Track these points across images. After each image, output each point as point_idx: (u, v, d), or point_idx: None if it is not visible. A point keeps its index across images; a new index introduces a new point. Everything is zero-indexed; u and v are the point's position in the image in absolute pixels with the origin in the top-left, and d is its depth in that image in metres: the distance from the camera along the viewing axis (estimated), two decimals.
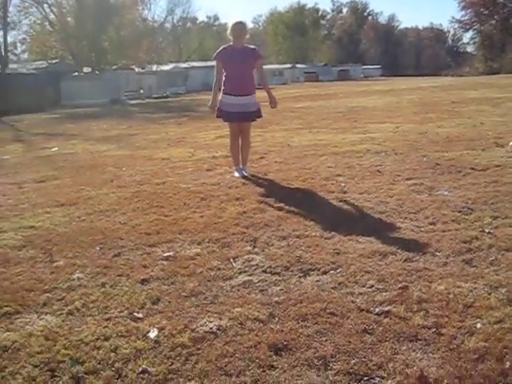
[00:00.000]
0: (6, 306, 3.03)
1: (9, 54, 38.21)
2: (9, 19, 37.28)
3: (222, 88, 6.14)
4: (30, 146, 11.77)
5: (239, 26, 6.07)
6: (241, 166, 6.35)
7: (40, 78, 30.42)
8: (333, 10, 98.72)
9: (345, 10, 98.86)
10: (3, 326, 2.81)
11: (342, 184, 5.52)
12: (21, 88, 27.19)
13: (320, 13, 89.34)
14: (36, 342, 2.61)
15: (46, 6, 40.08)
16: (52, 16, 40.74)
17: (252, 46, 6.24)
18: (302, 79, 55.14)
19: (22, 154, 10.27)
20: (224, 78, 6.12)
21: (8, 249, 4.08)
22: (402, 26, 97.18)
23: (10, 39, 41.35)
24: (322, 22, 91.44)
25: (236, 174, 6.25)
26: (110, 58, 42.87)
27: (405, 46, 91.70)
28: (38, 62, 38.70)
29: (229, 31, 6.15)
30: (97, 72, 38.25)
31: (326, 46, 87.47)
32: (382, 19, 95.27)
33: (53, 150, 10.23)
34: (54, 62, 37.01)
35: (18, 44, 49.12)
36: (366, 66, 72.72)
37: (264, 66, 6.71)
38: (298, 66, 63.18)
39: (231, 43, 6.12)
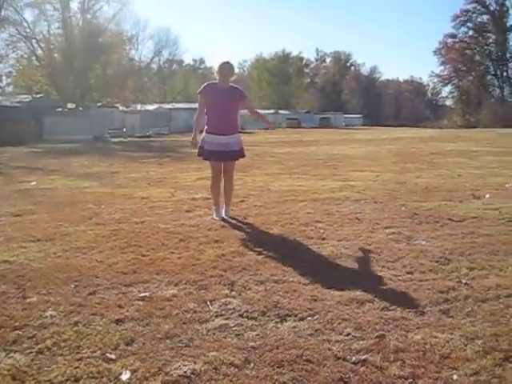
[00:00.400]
0: None
1: None
2: None
3: (206, 127, 6.14)
4: (8, 178, 11.65)
5: (226, 66, 6.10)
6: (221, 208, 6.31)
7: (23, 112, 30.42)
8: (317, 60, 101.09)
9: (328, 60, 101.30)
10: None
11: (321, 230, 5.53)
12: (3, 121, 27.12)
13: (304, 61, 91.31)
14: (2, 382, 2.53)
15: (34, 41, 40.48)
16: (40, 51, 41.13)
17: (236, 86, 6.26)
18: (284, 125, 55.86)
19: (0, 186, 10.15)
20: (207, 117, 6.13)
21: None
22: (383, 78, 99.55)
23: None
24: (306, 70, 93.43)
25: (215, 216, 6.21)
26: (95, 96, 43.21)
27: (386, 97, 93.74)
28: (22, 95, 38.75)
29: (216, 70, 6.16)
30: (81, 108, 38.40)
31: (309, 94, 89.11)
32: (364, 70, 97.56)
33: (32, 184, 10.14)
34: (38, 96, 37.10)
35: (4, 77, 49.24)
36: (347, 115, 74.16)
37: (246, 111, 6.81)
38: (281, 111, 64.16)
39: (216, 81, 6.14)
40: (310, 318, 3.26)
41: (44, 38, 41.15)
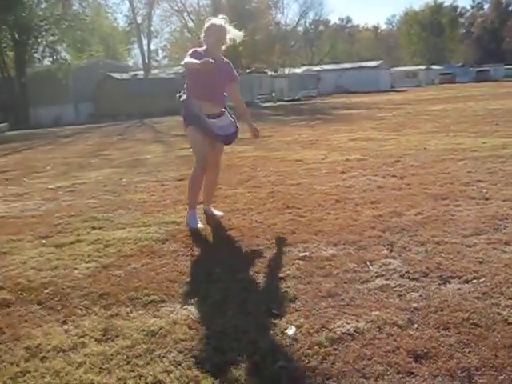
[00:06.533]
0: (153, 295, 3.24)
1: (151, 60, 40.83)
2: (152, 28, 39.98)
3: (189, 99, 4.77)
4: (169, 146, 12.45)
5: (222, 27, 4.68)
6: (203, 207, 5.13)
7: (178, 83, 31.99)
8: (472, 7, 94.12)
9: (486, 7, 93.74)
10: (151, 312, 3.01)
11: (484, 190, 5.23)
12: (161, 92, 28.86)
13: (458, 10, 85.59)
14: (180, 330, 2.76)
15: (185, 14, 42.33)
16: (190, 23, 42.96)
17: (227, 61, 4.85)
18: (437, 81, 53.05)
19: (163, 153, 10.89)
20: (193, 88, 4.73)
21: (153, 242, 4.35)
22: None
23: (152, 47, 44.30)
24: (461, 20, 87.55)
25: (190, 225, 4.69)
26: (244, 62, 44.20)
27: None
28: (176, 67, 40.84)
29: (205, 31, 4.71)
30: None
31: (464, 46, 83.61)
32: None
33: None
34: None
35: (160, 51, 52.39)
36: (508, 66, 68.27)
37: (396, 68, 6.43)
38: (434, 67, 60.97)
39: (204, 47, 4.71)
40: (475, 281, 3.12)
41: (194, 10, 43.02)
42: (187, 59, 4.46)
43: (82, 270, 3.81)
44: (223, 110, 4.87)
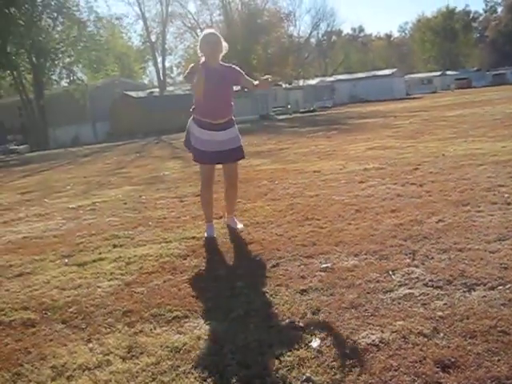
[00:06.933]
0: (176, 311, 3.25)
1: (166, 77, 41.34)
2: (166, 46, 40.54)
3: (193, 116, 4.90)
4: (187, 162, 12.46)
5: (214, 37, 4.76)
6: (213, 223, 5.11)
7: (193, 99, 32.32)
8: (485, 11, 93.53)
9: (500, 9, 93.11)
10: (174, 328, 3.02)
11: (506, 195, 5.16)
12: (177, 109, 29.08)
13: (471, 15, 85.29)
14: (204, 345, 2.76)
15: (198, 30, 42.84)
16: None
17: (228, 64, 4.92)
18: (453, 86, 52.76)
19: (181, 169, 10.95)
20: (195, 106, 4.84)
21: (174, 258, 4.37)
22: None
23: (167, 64, 44.91)
24: (474, 24, 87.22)
25: (206, 235, 4.93)
26: (258, 76, 44.41)
27: None
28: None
29: (200, 45, 4.75)
30: (245, 89, 39.74)
31: (479, 50, 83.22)
32: None
33: None
34: None
35: (174, 68, 53.01)
36: None
37: (411, 75, 6.37)
38: (448, 72, 60.75)
39: (203, 60, 4.70)
40: (501, 288, 3.07)
41: (207, 26, 43.32)
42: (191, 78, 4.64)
43: (104, 288, 3.83)
44: (232, 118, 4.92)
